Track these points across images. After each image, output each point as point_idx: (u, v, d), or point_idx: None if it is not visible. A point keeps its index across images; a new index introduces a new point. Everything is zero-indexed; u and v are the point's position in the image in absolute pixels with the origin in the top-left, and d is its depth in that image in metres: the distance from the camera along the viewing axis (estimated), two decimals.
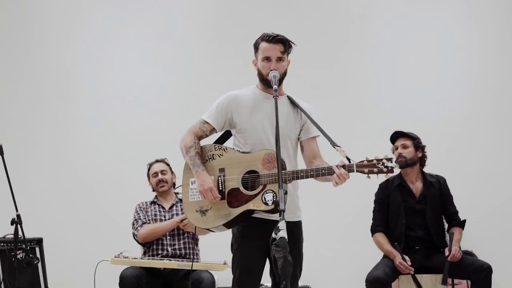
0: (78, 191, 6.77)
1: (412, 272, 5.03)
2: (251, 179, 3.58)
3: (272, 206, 3.47)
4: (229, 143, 3.83)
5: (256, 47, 3.74)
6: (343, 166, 3.44)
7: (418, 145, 5.28)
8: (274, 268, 3.15)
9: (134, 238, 5.27)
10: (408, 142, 5.26)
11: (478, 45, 6.86)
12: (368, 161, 3.45)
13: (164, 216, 5.30)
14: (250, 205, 3.54)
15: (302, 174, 3.51)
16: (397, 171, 3.53)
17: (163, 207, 5.35)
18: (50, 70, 6.99)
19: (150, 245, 5.21)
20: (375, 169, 3.43)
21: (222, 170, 3.64)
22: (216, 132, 3.79)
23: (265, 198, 3.50)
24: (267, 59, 3.67)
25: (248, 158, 3.62)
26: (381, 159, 3.44)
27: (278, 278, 3.11)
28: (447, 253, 5.06)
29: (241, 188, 3.59)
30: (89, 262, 5.18)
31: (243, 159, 3.62)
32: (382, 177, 3.46)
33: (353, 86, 6.85)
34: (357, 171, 3.45)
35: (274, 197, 3.47)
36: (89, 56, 7.00)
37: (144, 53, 7.00)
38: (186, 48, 7.00)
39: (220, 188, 3.61)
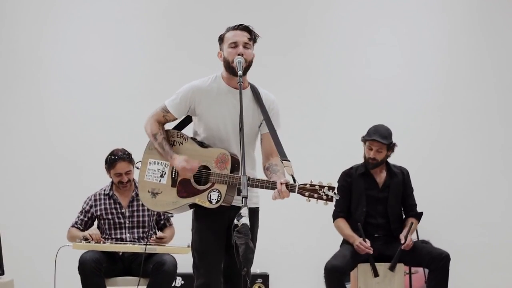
0: (39, 175, 6.69)
1: (371, 252, 5.11)
2: (203, 174, 3.66)
3: (215, 205, 3.58)
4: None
5: (221, 38, 3.74)
6: (286, 184, 3.46)
7: (391, 146, 5.29)
8: (235, 255, 3.18)
9: None
10: (384, 147, 5.26)
11: (447, 36, 6.93)
12: (311, 185, 3.46)
13: (122, 214, 5.18)
14: (196, 199, 3.64)
15: (248, 182, 3.48)
16: (336, 198, 3.47)
17: (120, 204, 5.20)
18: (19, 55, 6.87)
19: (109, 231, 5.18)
20: (315, 195, 3.45)
21: None
22: (178, 119, 3.85)
23: (210, 196, 3.61)
24: (234, 44, 3.67)
25: (203, 153, 3.69)
26: (324, 186, 3.46)
27: (239, 265, 3.16)
28: (402, 240, 5.15)
29: (192, 181, 3.67)
30: (50, 247, 5.11)
31: (199, 152, 3.70)
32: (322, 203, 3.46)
33: (317, 76, 6.89)
34: (298, 192, 3.47)
35: (219, 197, 3.57)
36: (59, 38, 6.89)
37: (106, 35, 6.90)
38: (150, 30, 6.94)
39: (173, 176, 3.71)
